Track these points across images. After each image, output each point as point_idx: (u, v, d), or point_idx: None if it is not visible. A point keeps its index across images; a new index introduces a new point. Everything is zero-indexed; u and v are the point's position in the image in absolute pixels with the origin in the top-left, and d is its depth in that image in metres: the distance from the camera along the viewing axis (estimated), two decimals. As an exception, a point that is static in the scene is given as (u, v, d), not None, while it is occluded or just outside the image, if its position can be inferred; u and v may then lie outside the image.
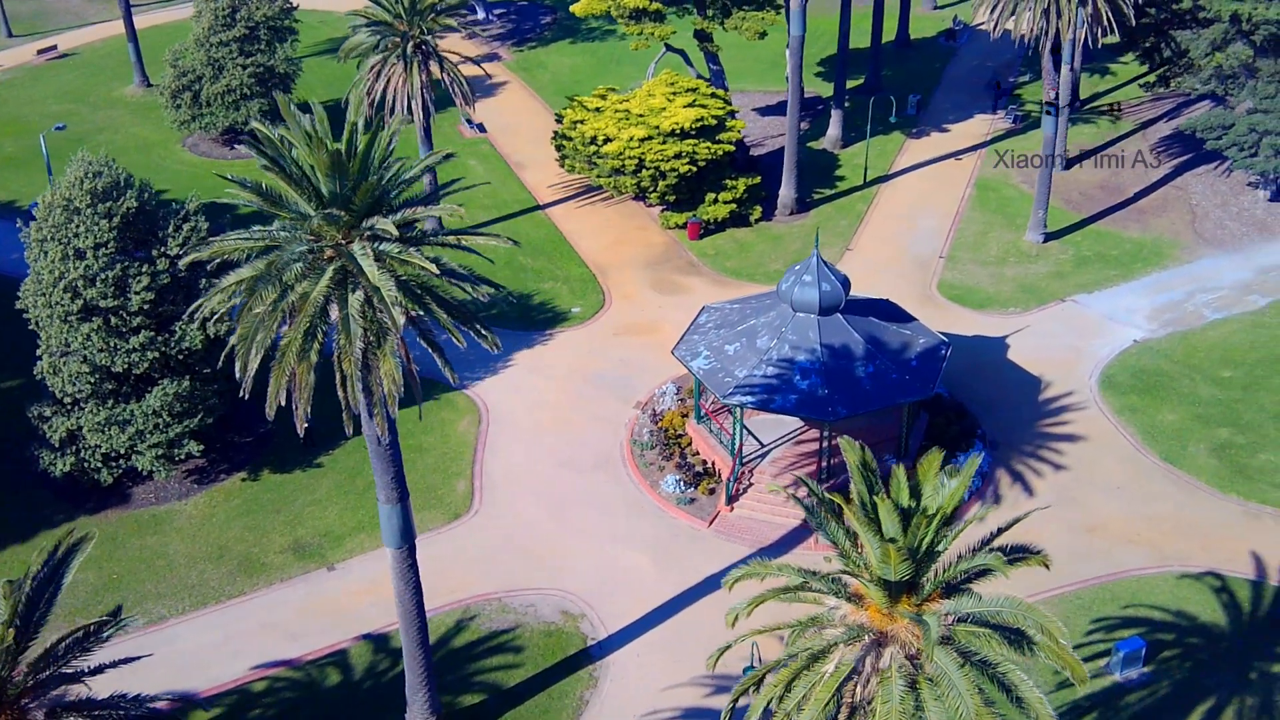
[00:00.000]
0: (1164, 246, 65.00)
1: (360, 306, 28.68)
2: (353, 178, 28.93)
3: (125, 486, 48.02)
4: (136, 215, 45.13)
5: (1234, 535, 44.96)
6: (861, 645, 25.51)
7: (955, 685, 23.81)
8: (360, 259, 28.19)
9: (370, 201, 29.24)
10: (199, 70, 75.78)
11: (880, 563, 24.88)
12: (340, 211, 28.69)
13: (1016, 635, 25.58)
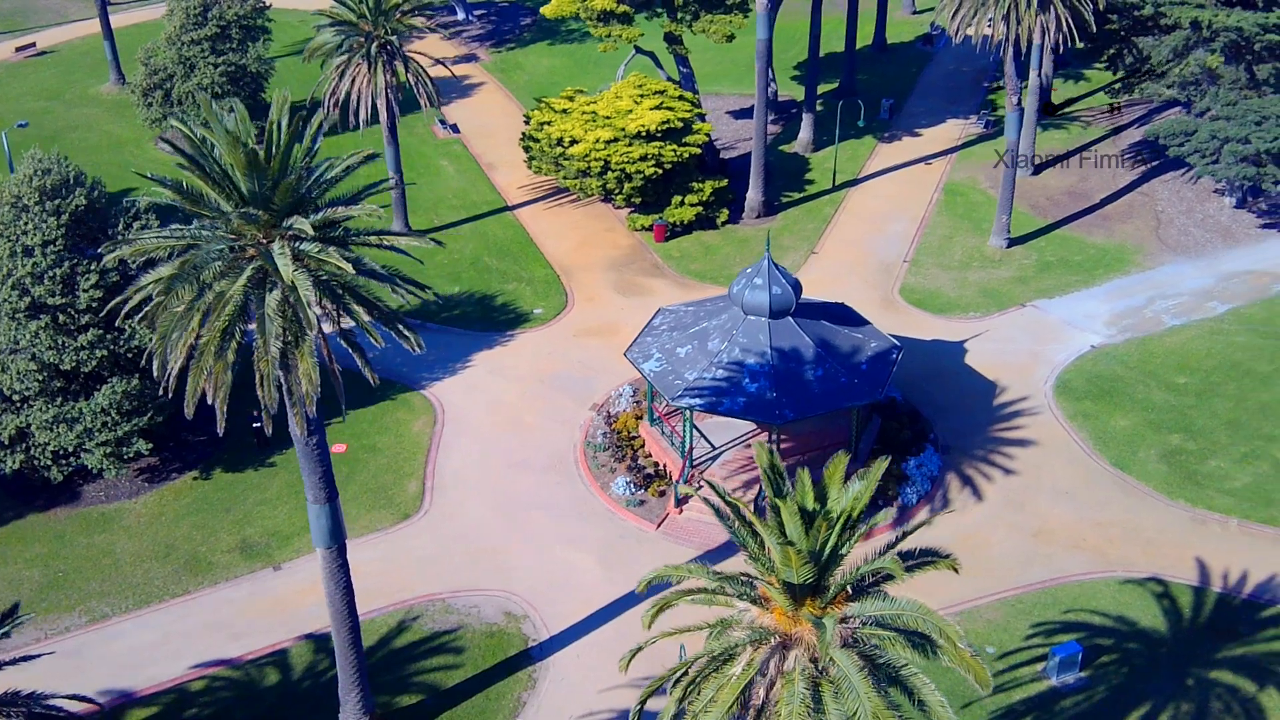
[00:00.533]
0: (1127, 252, 65.12)
1: (277, 306, 28.74)
2: (272, 177, 29.00)
3: (76, 484, 48.10)
4: (86, 213, 45.22)
5: (1179, 541, 45.07)
6: (768, 648, 25.60)
7: (855, 688, 23.89)
8: (277, 257, 28.26)
9: (292, 201, 29.33)
10: (170, 69, 75.88)
11: (782, 565, 24.98)
12: (258, 210, 28.76)
13: (922, 639, 25.66)
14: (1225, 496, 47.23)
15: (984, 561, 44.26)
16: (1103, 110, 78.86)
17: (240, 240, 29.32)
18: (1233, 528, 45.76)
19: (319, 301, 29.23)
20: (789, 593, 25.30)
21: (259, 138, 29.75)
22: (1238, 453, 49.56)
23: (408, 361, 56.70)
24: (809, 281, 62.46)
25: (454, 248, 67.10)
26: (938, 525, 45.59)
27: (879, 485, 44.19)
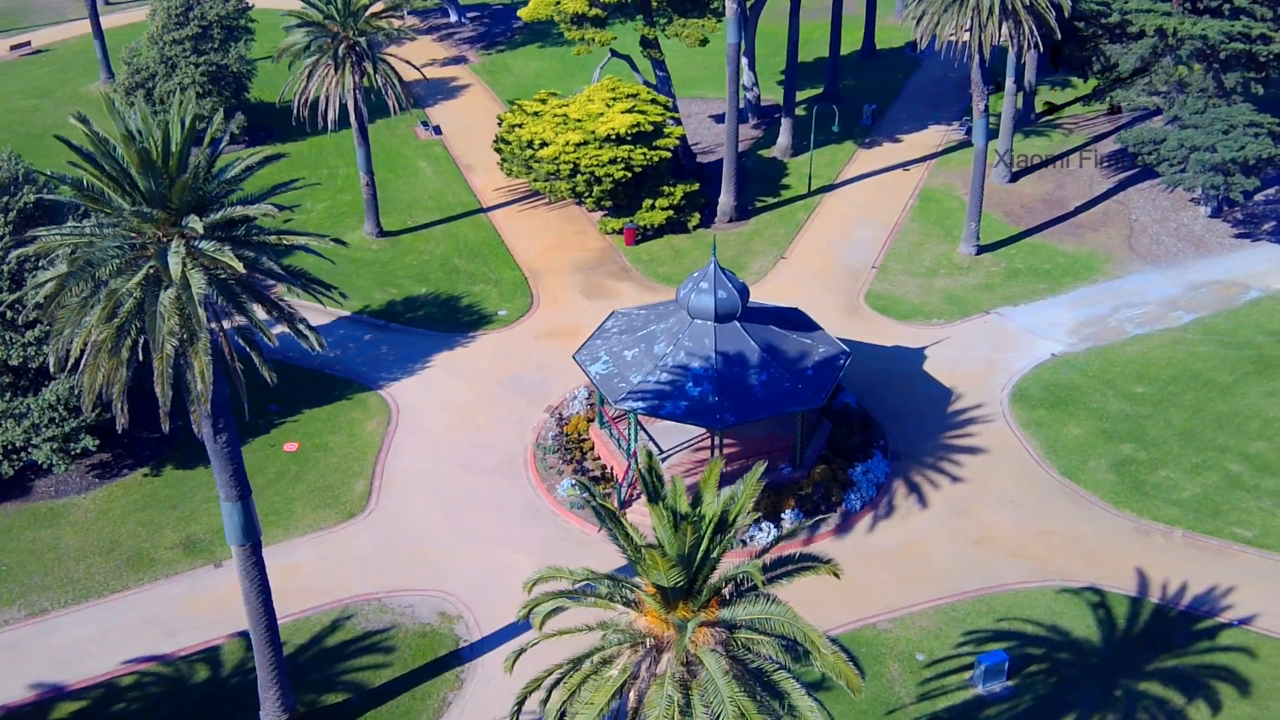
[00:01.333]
0: (1096, 261, 64.86)
1: (170, 304, 28.97)
2: (169, 175, 29.24)
3: (27, 479, 48.56)
4: (35, 210, 45.62)
5: (1121, 551, 44.88)
6: (642, 651, 25.66)
7: (719, 691, 23.93)
8: (170, 256, 28.50)
9: (191, 200, 29.54)
10: (152, 68, 76.53)
11: (650, 568, 25.05)
12: (153, 209, 28.99)
13: (794, 644, 25.68)
14: (1172, 507, 46.99)
15: (923, 568, 44.20)
16: (1088, 117, 78.48)
17: (140, 238, 29.55)
18: (1177, 539, 45.53)
19: (217, 300, 29.36)
20: (662, 596, 25.35)
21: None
22: (1189, 463, 49.30)
23: (367, 361, 57.16)
24: (775, 287, 62.69)
25: (424, 249, 67.41)
26: (880, 532, 45.87)
27: (822, 491, 44.54)
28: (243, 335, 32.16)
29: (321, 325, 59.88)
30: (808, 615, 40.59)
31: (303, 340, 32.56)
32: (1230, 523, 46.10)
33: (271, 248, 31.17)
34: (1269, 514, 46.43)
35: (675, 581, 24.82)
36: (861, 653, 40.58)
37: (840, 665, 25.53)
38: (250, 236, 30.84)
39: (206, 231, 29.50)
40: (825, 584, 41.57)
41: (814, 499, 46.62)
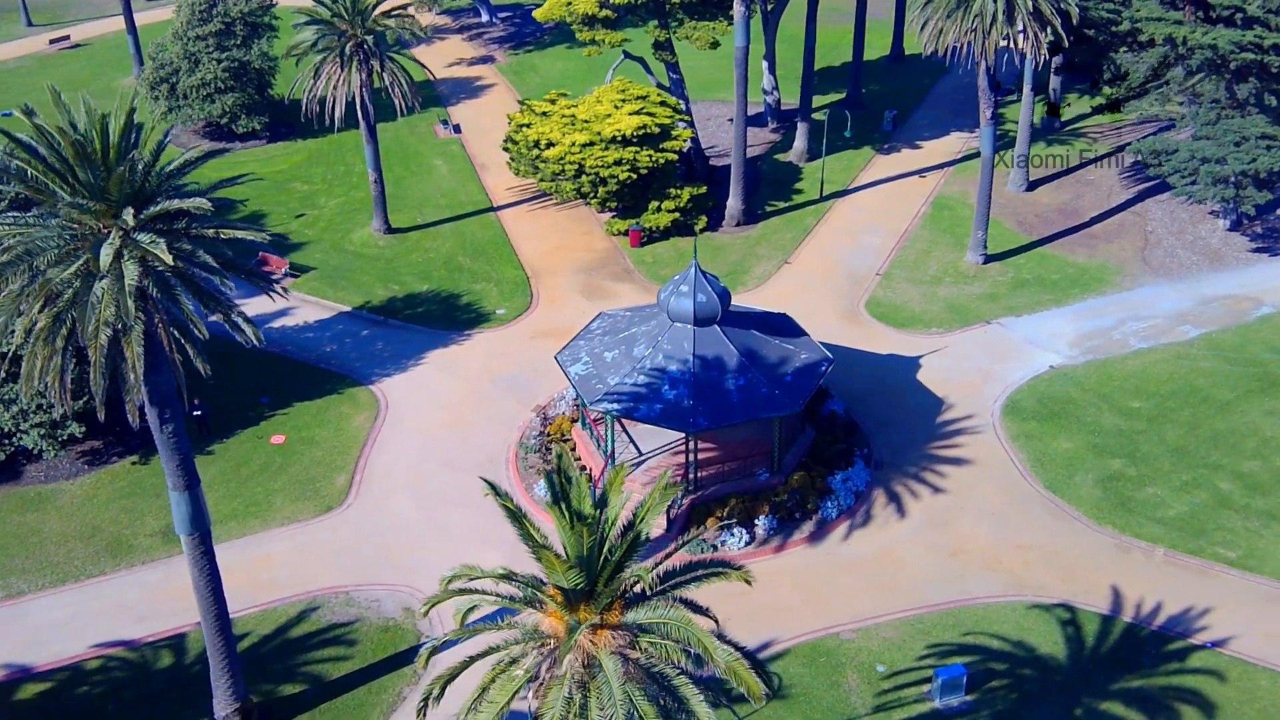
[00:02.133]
0: (1107, 273, 63.82)
1: (105, 294, 29.39)
2: (107, 168, 29.67)
3: (19, 463, 49.52)
4: (27, 200, 46.47)
5: (1098, 568, 44.12)
6: (545, 651, 25.66)
7: (613, 694, 23.85)
8: (104, 247, 28.91)
9: (130, 193, 29.92)
10: (176, 63, 77.72)
11: (549, 570, 25.04)
12: (89, 200, 29.42)
13: (707, 649, 25.52)
14: (1156, 525, 46.13)
15: (894, 578, 43.77)
16: (1114, 126, 77.15)
17: (80, 229, 30.02)
18: (1158, 557, 44.68)
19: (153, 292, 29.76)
20: (564, 598, 25.32)
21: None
22: (1178, 480, 48.37)
23: (362, 356, 57.67)
24: (776, 292, 62.42)
25: (431, 246, 67.86)
26: (855, 541, 45.52)
27: (798, 499, 44.28)
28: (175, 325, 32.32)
29: (322, 320, 60.69)
30: (773, 622, 40.74)
31: (238, 333, 32.82)
32: (1214, 542, 45.16)
33: (210, 241, 31.41)
34: (1255, 535, 45.42)
35: (574, 583, 24.78)
36: (821, 662, 40.24)
37: (739, 670, 25.35)
38: (189, 230, 31.14)
39: (144, 224, 29.85)
40: (794, 591, 41.72)
41: (789, 506, 46.32)
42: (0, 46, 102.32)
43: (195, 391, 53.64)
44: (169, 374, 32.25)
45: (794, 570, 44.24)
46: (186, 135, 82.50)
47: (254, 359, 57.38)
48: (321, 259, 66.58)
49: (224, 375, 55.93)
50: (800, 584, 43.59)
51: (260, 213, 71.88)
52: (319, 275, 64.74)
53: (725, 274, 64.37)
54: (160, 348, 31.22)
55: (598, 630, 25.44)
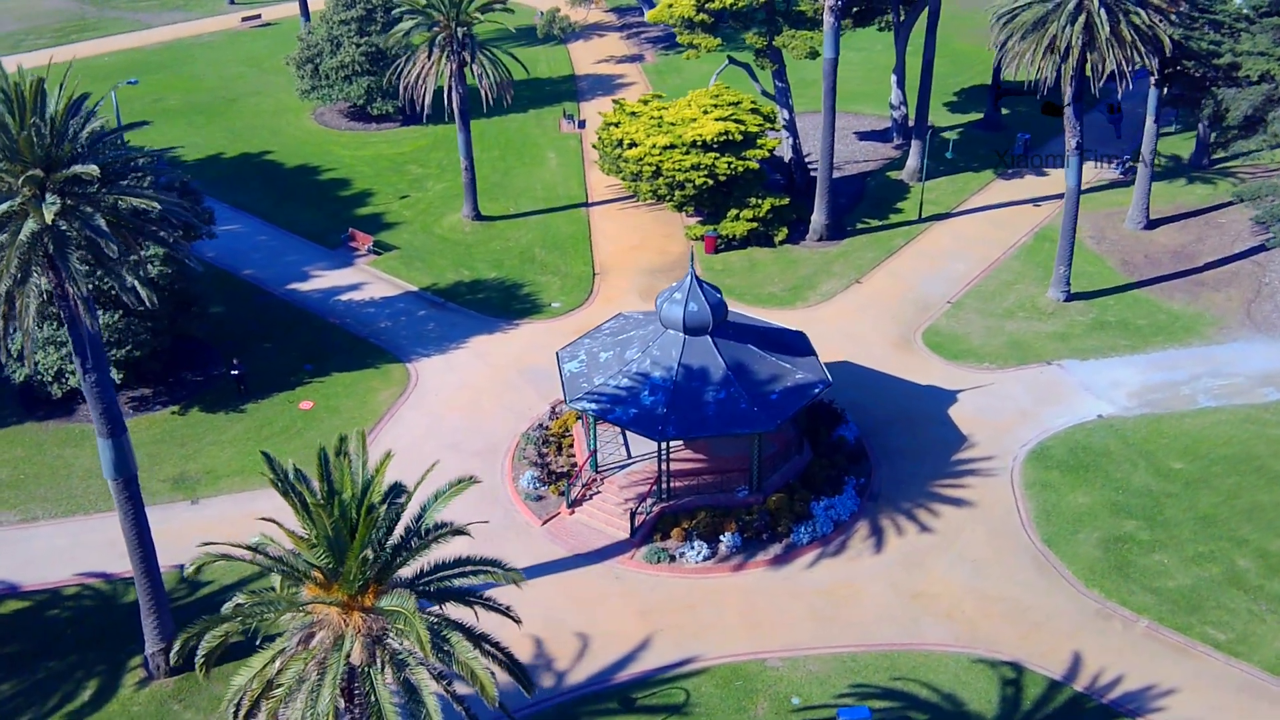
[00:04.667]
0: (1201, 323, 59.42)
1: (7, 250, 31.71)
2: (14, 133, 31.97)
3: (74, 402, 53.83)
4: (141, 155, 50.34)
5: (1066, 631, 41.43)
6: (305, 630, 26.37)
7: (335, 674, 24.37)
8: (2, 204, 31.26)
9: (41, 155, 32.13)
10: (320, 45, 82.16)
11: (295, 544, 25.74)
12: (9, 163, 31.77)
13: (442, 641, 25.68)
14: (1149, 595, 42.88)
15: (843, 612, 42.37)
16: (1270, 168, 71.29)
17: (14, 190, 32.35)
18: (1139, 629, 41.58)
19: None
20: (323, 576, 26.01)
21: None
22: (1193, 551, 44.79)
23: (410, 335, 59.84)
24: (835, 310, 61.15)
25: (513, 236, 69.53)
26: (819, 569, 44.43)
27: (767, 520, 43.64)
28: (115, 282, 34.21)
29: (387, 297, 63.26)
30: (704, 639, 40.47)
31: (128, 295, 34.67)
32: (1207, 621, 41.64)
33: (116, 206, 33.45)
34: (1257, 619, 41.62)
35: (323, 562, 25.45)
36: (736, 686, 39.45)
37: (474, 668, 25.35)
38: (97, 195, 33.25)
39: (54, 187, 32.14)
40: (737, 611, 41.18)
41: (756, 526, 45.47)
42: (200, 21, 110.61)
43: (235, 351, 57.18)
44: (92, 325, 34.46)
45: (745, 590, 43.43)
46: (331, 114, 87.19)
47: (311, 328, 60.56)
48: (408, 240, 69.25)
49: (280, 340, 59.41)
50: (746, 605, 42.77)
51: (368, 191, 75.31)
52: (400, 255, 67.40)
53: (790, 287, 63.47)
54: (84, 301, 33.32)
55: (349, 611, 26.01)
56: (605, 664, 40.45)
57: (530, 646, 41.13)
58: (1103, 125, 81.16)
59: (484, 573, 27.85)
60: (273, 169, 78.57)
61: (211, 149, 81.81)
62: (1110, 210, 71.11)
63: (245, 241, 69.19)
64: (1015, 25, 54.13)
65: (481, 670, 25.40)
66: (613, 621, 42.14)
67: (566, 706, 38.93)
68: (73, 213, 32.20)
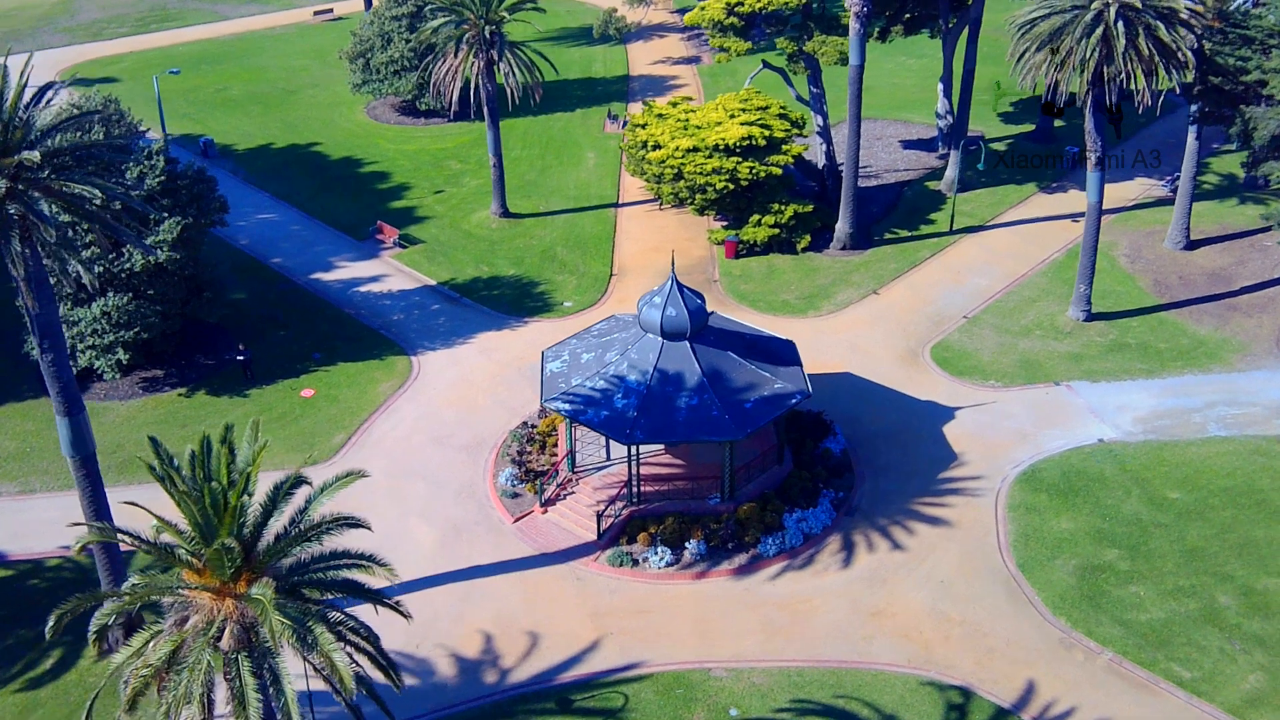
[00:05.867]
0: (1226, 349, 57.37)
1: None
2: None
3: (89, 382, 55.69)
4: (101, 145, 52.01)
5: (1023, 659, 40.39)
6: (183, 611, 26.99)
7: (201, 656, 24.90)
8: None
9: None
10: (371, 40, 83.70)
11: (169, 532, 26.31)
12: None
13: (305, 631, 26.03)
14: (1118, 627, 41.59)
15: (798, 627, 41.89)
16: None
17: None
18: (1101, 661, 40.36)
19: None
20: (198, 562, 26.60)
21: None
22: (1172, 584, 43.32)
23: (420, 329, 60.68)
24: (846, 321, 60.48)
25: (538, 234, 70.01)
26: (781, 582, 44.09)
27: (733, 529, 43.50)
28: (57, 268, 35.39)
29: (405, 290, 64.27)
30: (654, 644, 40.55)
31: (69, 280, 35.69)
32: (1174, 658, 40.25)
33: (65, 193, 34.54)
34: (1228, 659, 40.10)
35: (198, 548, 26.03)
36: (677, 694, 39.29)
37: (333, 660, 25.63)
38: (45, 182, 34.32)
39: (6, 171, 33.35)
40: (691, 619, 41.16)
41: (722, 534, 45.18)
42: (275, 14, 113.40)
43: (242, 337, 58.57)
44: (51, 307, 35.67)
45: (703, 598, 43.21)
46: (383, 108, 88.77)
47: (326, 317, 61.76)
48: (434, 234, 70.19)
49: (295, 328, 60.72)
50: (701, 613, 42.55)
51: (406, 184, 76.48)
52: (424, 249, 68.35)
53: (805, 295, 62.87)
54: (45, 282, 34.49)
55: (222, 597, 26.54)
56: (550, 664, 40.59)
57: (479, 642, 41.48)
58: (1170, 142, 78.70)
59: (358, 566, 28.15)
60: (318, 160, 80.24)
61: (264, 139, 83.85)
62: (1151, 229, 69.03)
63: (279, 230, 70.81)
64: (1031, 36, 52.81)
65: (341, 662, 25.72)
66: (565, 622, 42.26)
67: (504, 704, 39.15)
68: (17, 196, 33.29)
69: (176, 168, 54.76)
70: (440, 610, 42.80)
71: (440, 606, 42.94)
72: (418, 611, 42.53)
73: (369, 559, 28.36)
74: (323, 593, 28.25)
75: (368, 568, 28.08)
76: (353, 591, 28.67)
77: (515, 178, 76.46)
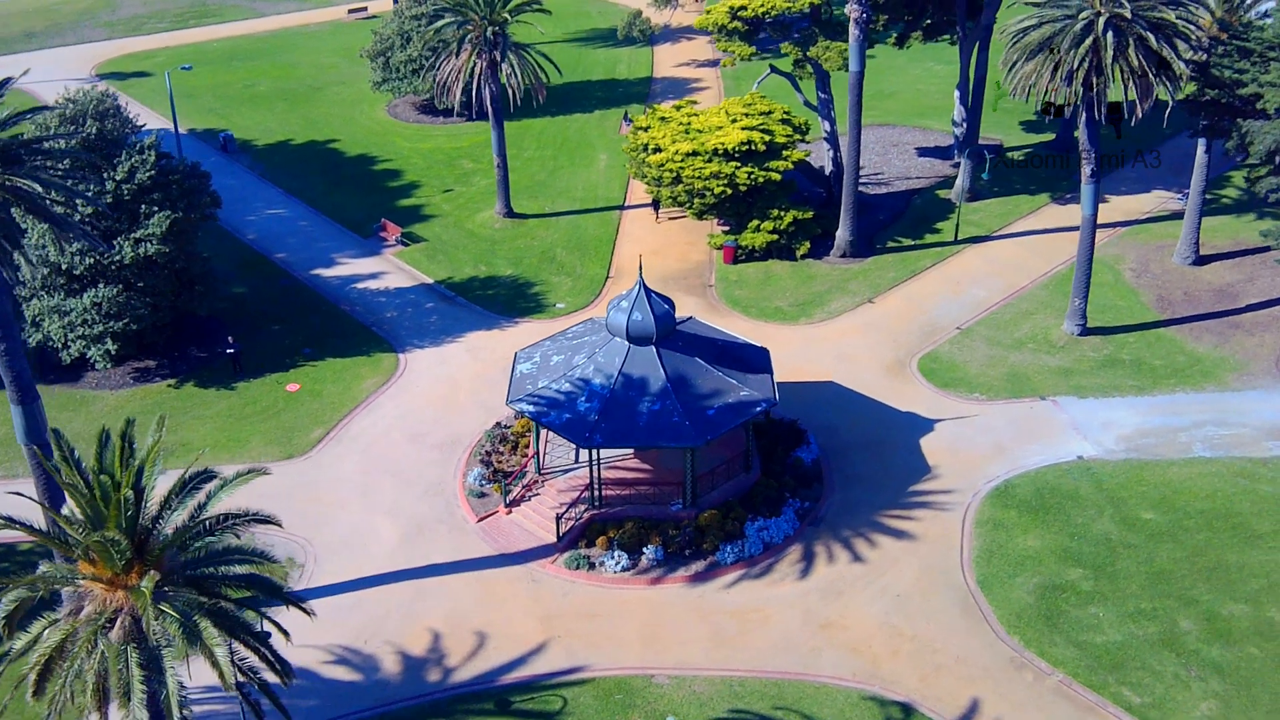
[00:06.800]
0: (1223, 368, 56.15)
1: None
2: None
3: (81, 370, 56.87)
4: (96, 140, 53.20)
5: (971, 676, 39.85)
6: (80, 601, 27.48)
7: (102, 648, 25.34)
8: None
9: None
10: (391, 39, 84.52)
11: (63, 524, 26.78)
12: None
13: (192, 625, 26.35)
14: (1072, 648, 40.88)
15: (746, 636, 41.67)
16: None
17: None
18: (1050, 682, 39.70)
19: None
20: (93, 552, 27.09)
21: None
22: (1133, 607, 42.50)
23: (411, 327, 61.23)
24: (836, 329, 60.10)
25: (539, 235, 70.28)
26: (736, 591, 44.02)
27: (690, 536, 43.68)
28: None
29: (401, 288, 64.87)
30: (600, 648, 40.81)
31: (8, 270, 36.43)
32: (1126, 682, 39.49)
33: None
34: (1180, 685, 39.26)
35: (90, 540, 26.49)
36: (615, 699, 39.29)
37: (216, 654, 25.95)
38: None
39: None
40: (637, 624, 41.23)
41: (680, 541, 45.08)
42: (310, 12, 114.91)
43: (231, 329, 59.44)
44: (5, 299, 36.51)
45: (655, 604, 43.15)
46: (403, 107, 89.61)
47: (321, 313, 62.51)
48: (437, 233, 70.73)
49: (290, 322, 61.53)
50: (651, 619, 42.50)
51: (416, 183, 77.17)
52: (426, 247, 68.91)
53: (798, 303, 62.52)
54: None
55: (114, 588, 27.00)
56: (494, 665, 40.77)
57: (427, 640, 41.76)
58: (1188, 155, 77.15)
59: (250, 562, 28.47)
60: (334, 157, 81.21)
61: (283, 135, 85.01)
62: (1162, 242, 67.75)
63: (286, 225, 71.78)
64: (1021, 46, 52.03)
65: (222, 658, 26.03)
66: (515, 623, 42.41)
67: (443, 704, 39.38)
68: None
69: (170, 163, 55.67)
70: (392, 607, 43.14)
71: (393, 603, 43.29)
72: (370, 607, 43.20)
73: (260, 555, 28.68)
74: (224, 588, 28.56)
75: (259, 564, 28.35)
76: (251, 586, 28.99)
77: (525, 178, 76.81)
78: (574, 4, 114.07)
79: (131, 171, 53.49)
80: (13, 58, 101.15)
